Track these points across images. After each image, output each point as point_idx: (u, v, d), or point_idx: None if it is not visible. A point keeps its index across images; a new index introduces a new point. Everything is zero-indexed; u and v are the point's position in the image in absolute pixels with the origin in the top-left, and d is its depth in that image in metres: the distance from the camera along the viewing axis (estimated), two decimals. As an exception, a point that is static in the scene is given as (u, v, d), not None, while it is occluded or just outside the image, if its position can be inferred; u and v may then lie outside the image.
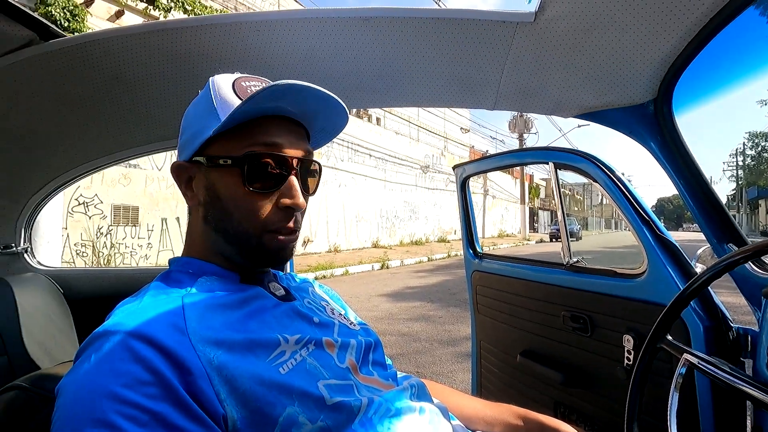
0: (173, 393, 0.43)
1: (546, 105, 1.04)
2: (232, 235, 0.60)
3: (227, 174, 0.59)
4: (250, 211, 0.59)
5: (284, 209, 0.60)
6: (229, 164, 0.58)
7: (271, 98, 0.56)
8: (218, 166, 0.59)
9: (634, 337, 1.17)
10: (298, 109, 0.61)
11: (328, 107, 0.62)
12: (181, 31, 0.89)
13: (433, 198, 19.72)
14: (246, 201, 0.59)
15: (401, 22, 0.85)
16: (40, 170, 1.31)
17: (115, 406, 0.40)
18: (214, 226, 0.61)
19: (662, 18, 0.71)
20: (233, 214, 0.59)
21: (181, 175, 0.64)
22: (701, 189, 0.93)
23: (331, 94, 0.59)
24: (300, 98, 0.59)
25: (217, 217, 0.60)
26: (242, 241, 0.60)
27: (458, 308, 5.42)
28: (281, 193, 0.60)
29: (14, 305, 1.13)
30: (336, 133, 0.71)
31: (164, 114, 1.13)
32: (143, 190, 8.41)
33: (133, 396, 0.41)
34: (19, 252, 1.42)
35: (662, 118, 0.90)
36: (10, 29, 0.86)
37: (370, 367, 0.68)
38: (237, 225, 0.59)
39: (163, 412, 0.42)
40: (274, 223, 0.60)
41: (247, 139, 0.58)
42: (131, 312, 0.50)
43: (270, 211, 0.59)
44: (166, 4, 7.64)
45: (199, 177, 0.62)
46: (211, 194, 0.61)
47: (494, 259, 1.87)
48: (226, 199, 0.59)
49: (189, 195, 0.64)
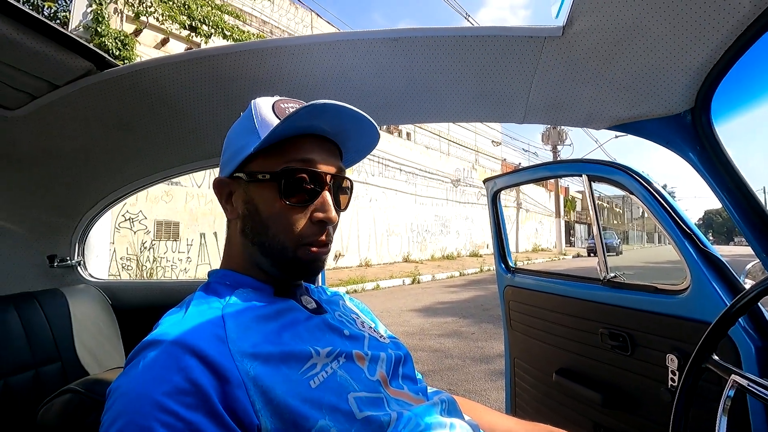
0: (209, 404, 0.46)
1: (577, 117, 1.03)
2: (267, 247, 0.63)
3: (265, 188, 0.62)
4: (285, 225, 0.62)
5: (317, 223, 0.62)
6: (268, 179, 0.61)
7: (308, 117, 0.59)
8: (257, 181, 0.62)
9: (679, 357, 1.11)
10: (332, 128, 0.64)
11: (360, 127, 0.65)
12: (222, 58, 0.95)
13: (465, 212, 19.50)
14: (282, 214, 0.62)
15: (428, 42, 0.87)
16: (93, 188, 1.41)
17: (154, 412, 0.43)
18: (251, 238, 0.64)
19: (696, 27, 0.70)
20: (270, 227, 0.62)
21: (222, 190, 0.67)
22: (747, 201, 0.88)
23: (364, 114, 0.62)
24: (335, 117, 0.62)
25: (255, 230, 0.63)
26: (277, 253, 0.62)
27: (491, 324, 5.29)
28: (315, 208, 0.62)
29: (68, 314, 1.21)
30: (367, 152, 0.73)
31: (206, 134, 1.20)
32: (184, 207, 8.79)
33: (172, 404, 0.44)
34: (73, 265, 1.53)
35: (701, 128, 0.87)
36: (71, 61, 0.94)
37: (400, 381, 0.68)
38: (273, 237, 0.62)
39: (197, 422, 0.44)
40: (308, 236, 0.62)
41: (285, 155, 0.62)
42: (176, 322, 0.53)
43: (304, 224, 0.62)
44: (207, 30, 8.11)
45: (239, 192, 0.65)
46: (249, 208, 0.64)
47: (527, 273, 1.83)
48: (263, 212, 0.62)
49: (228, 209, 0.67)
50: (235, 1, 9.50)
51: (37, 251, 1.45)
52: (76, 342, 1.19)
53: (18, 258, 1.41)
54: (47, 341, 1.13)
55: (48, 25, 0.83)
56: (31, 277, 1.43)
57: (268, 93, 0.70)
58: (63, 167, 1.28)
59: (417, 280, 10.42)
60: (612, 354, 1.34)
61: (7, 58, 0.88)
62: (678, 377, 1.11)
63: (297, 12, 11.67)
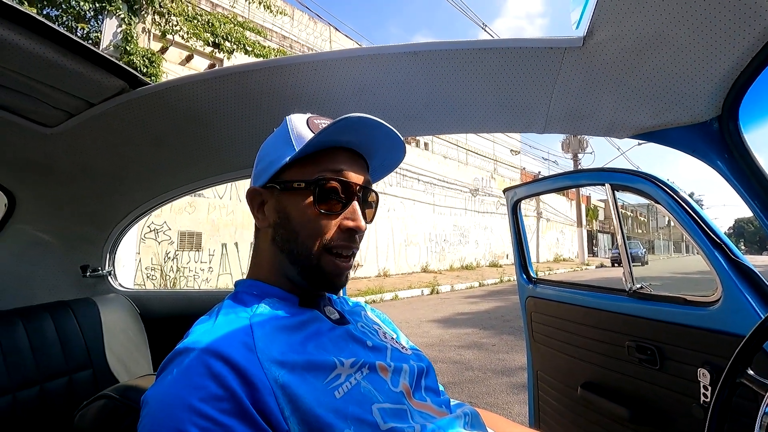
0: (243, 408, 0.47)
1: (598, 127, 1.02)
2: (296, 254, 0.64)
3: (299, 196, 0.64)
4: (315, 230, 0.64)
5: (346, 231, 0.64)
6: (302, 187, 0.64)
7: (341, 130, 0.62)
8: (291, 190, 0.65)
9: (711, 372, 1.07)
10: (362, 141, 0.67)
11: (389, 141, 0.68)
12: (248, 74, 0.98)
13: (484, 221, 19.30)
14: (313, 221, 0.64)
15: (449, 55, 0.89)
16: (124, 201, 1.47)
17: (192, 417, 0.45)
18: (281, 246, 0.66)
19: (722, 34, 0.69)
20: (300, 234, 0.64)
21: (255, 199, 0.69)
22: (780, 209, 0.85)
23: (393, 129, 0.65)
24: (366, 131, 0.64)
25: (285, 237, 0.65)
26: (304, 260, 0.64)
27: (512, 336, 5.19)
28: (345, 216, 0.65)
29: (100, 323, 1.25)
30: (392, 168, 0.75)
31: (233, 147, 1.24)
32: (206, 218, 8.98)
33: (208, 409, 0.46)
34: (104, 275, 1.59)
35: (729, 136, 0.85)
36: (106, 80, 0.99)
37: (423, 393, 0.68)
38: (301, 244, 0.64)
39: (233, 426, 0.46)
40: (336, 242, 0.64)
41: (318, 165, 0.64)
42: (207, 330, 0.55)
43: (333, 232, 0.64)
44: (230, 46, 8.36)
45: (271, 201, 0.68)
46: (281, 216, 0.66)
47: (549, 284, 1.80)
48: (295, 219, 0.65)
49: (260, 217, 0.69)
50: (257, 18, 9.78)
51: (70, 261, 1.51)
52: (107, 350, 1.23)
53: (53, 268, 1.48)
54: (80, 349, 1.17)
55: (85, 47, 0.88)
56: (64, 286, 1.49)
57: (293, 107, 0.72)
58: (97, 181, 1.33)
59: (436, 291, 10.33)
60: (640, 368, 1.30)
61: (48, 79, 0.93)
62: (711, 393, 1.07)
63: (316, 26, 11.92)
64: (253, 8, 9.65)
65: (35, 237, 1.43)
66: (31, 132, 1.10)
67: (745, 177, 0.86)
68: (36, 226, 1.42)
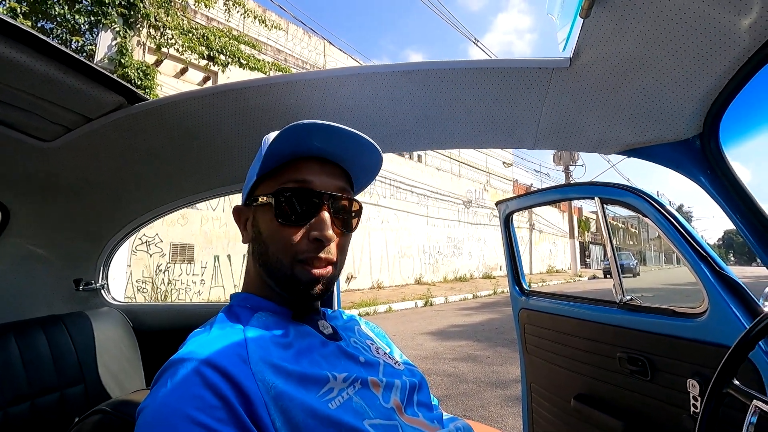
0: (238, 418, 0.48)
1: (586, 143, 1.05)
2: (269, 267, 0.65)
3: (265, 210, 0.66)
4: (281, 242, 0.64)
5: (314, 241, 0.64)
6: (266, 201, 0.65)
7: (296, 137, 0.62)
8: (260, 205, 0.67)
9: (700, 383, 1.09)
10: (331, 148, 0.67)
11: (358, 145, 0.67)
12: (243, 92, 1.00)
13: (477, 233, 19.38)
14: (279, 233, 0.64)
15: (441, 74, 0.91)
16: (119, 215, 1.47)
17: (189, 426, 0.45)
18: (258, 260, 0.68)
19: (700, 57, 0.72)
20: (269, 246, 0.65)
21: (240, 217, 0.72)
22: (761, 224, 0.88)
23: (355, 131, 0.65)
24: (327, 137, 0.64)
25: (260, 251, 0.67)
26: (277, 272, 0.65)
27: (506, 348, 5.18)
28: (311, 226, 0.64)
29: (92, 337, 1.25)
30: (375, 171, 0.75)
31: (228, 163, 1.25)
32: (199, 230, 8.93)
33: (205, 418, 0.46)
34: (97, 288, 1.58)
35: (710, 152, 0.88)
36: (104, 95, 1.00)
37: (415, 408, 0.68)
38: (272, 256, 0.65)
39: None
40: (303, 252, 0.63)
41: (282, 177, 0.66)
42: (202, 342, 0.55)
43: (300, 242, 0.64)
44: (225, 60, 8.42)
45: (250, 218, 0.70)
46: (255, 231, 0.68)
47: (542, 296, 1.81)
48: (264, 233, 0.66)
49: (244, 234, 0.72)
50: (251, 32, 9.88)
51: (63, 275, 1.50)
52: (99, 364, 1.22)
53: (46, 281, 1.47)
54: (72, 364, 1.16)
55: (83, 63, 0.90)
56: (57, 300, 1.48)
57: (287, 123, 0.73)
58: (92, 195, 1.34)
59: (430, 303, 10.30)
60: (631, 379, 1.31)
61: (46, 94, 0.94)
62: (700, 403, 1.08)
63: (310, 40, 12.07)
64: (248, 22, 9.76)
65: (29, 251, 1.42)
66: (28, 146, 1.11)
67: (726, 192, 0.89)
68: (29, 239, 1.41)
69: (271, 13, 10.53)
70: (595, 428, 1.45)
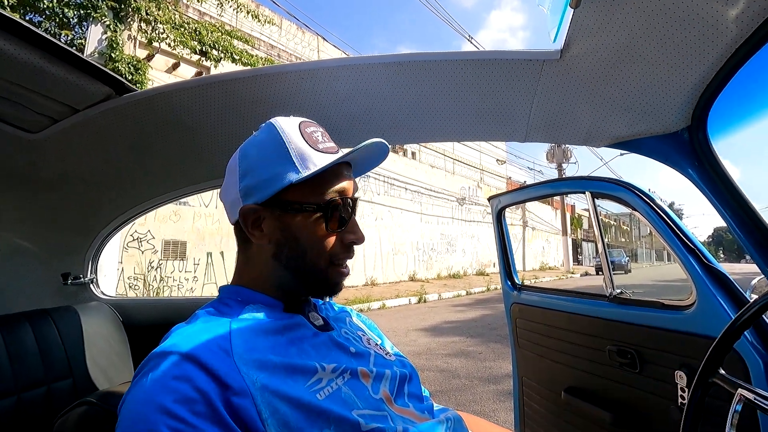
0: (216, 412, 0.48)
1: (577, 136, 1.06)
2: (303, 271, 0.66)
3: (308, 217, 0.65)
4: (323, 249, 0.66)
5: (348, 245, 0.68)
6: (313, 209, 0.64)
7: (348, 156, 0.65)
8: (299, 211, 0.64)
9: (688, 374, 1.10)
10: (359, 159, 0.71)
11: (380, 155, 0.72)
12: (234, 82, 0.99)
13: (471, 230, 19.44)
14: (323, 240, 0.65)
15: (433, 65, 0.91)
16: (108, 208, 1.45)
17: (166, 419, 0.45)
18: (285, 263, 0.66)
19: (688, 49, 0.73)
20: (308, 252, 0.65)
21: (249, 216, 0.65)
22: (748, 216, 0.89)
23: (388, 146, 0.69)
24: (366, 153, 0.68)
25: (291, 256, 0.65)
26: (311, 276, 0.66)
27: (499, 344, 5.22)
28: (347, 231, 0.68)
29: (81, 331, 1.23)
30: (371, 168, 0.78)
31: (218, 155, 1.24)
32: (191, 226, 8.86)
33: (182, 412, 0.46)
34: (86, 282, 1.56)
35: (698, 145, 0.89)
36: (92, 86, 0.99)
37: (405, 399, 0.68)
38: (310, 262, 0.65)
39: (204, 429, 0.46)
40: (339, 256, 0.67)
41: (325, 186, 0.66)
42: (183, 335, 0.55)
43: (337, 247, 0.67)
44: (217, 55, 8.34)
45: (271, 219, 0.65)
46: (287, 235, 0.65)
47: (533, 291, 1.83)
48: (303, 239, 0.65)
49: (257, 234, 0.66)
50: (244, 27, 9.80)
51: (51, 269, 1.48)
52: (88, 359, 1.21)
53: (33, 276, 1.45)
54: (60, 358, 1.15)
55: (70, 53, 0.88)
56: (45, 294, 1.46)
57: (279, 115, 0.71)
58: (79, 187, 1.32)
59: (423, 299, 10.33)
60: (621, 371, 1.32)
61: (32, 84, 0.93)
62: (688, 394, 1.09)
63: (304, 36, 11.99)
64: (241, 17, 9.67)
65: (15, 244, 1.40)
66: (13, 137, 1.09)
67: (714, 185, 0.90)
68: (16, 233, 1.39)
69: (264, 9, 10.44)
70: (584, 420, 1.46)
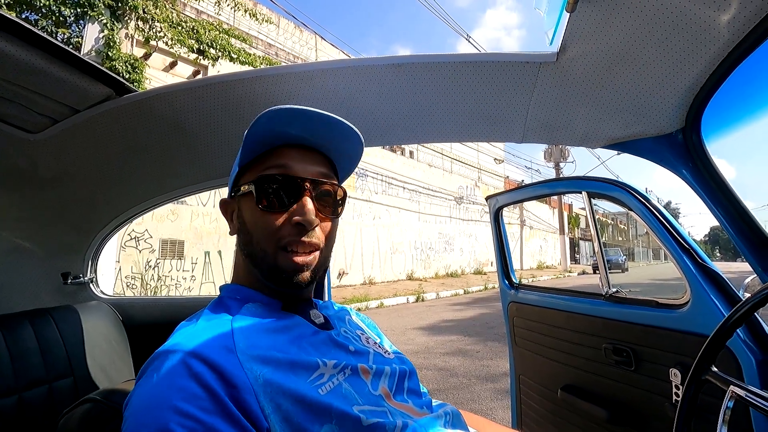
0: (224, 407, 0.48)
1: (573, 137, 1.07)
2: (254, 256, 0.65)
3: (249, 199, 0.66)
4: (264, 230, 0.64)
5: (296, 225, 0.64)
6: (249, 189, 0.65)
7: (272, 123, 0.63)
8: (242, 194, 0.67)
9: (682, 372, 1.12)
10: (310, 134, 0.67)
11: (337, 131, 0.67)
12: (234, 84, 1.00)
13: (468, 229, 19.47)
14: (261, 221, 0.64)
15: (431, 67, 0.92)
16: (108, 208, 1.45)
17: (175, 417, 0.46)
18: (243, 250, 0.68)
19: (682, 52, 0.74)
20: (253, 235, 0.65)
21: (227, 209, 0.72)
22: (741, 216, 0.91)
23: (334, 116, 0.65)
24: (305, 122, 0.64)
25: (244, 241, 0.67)
26: (262, 261, 0.65)
27: (497, 342, 5.24)
28: (293, 212, 0.64)
29: (81, 330, 1.24)
30: (357, 157, 0.75)
31: (217, 155, 1.24)
32: (189, 225, 8.85)
33: (191, 408, 0.47)
34: (85, 282, 1.56)
35: (692, 146, 0.91)
36: (92, 87, 0.99)
37: (404, 395, 0.69)
38: (256, 244, 0.65)
39: (215, 424, 0.47)
40: (286, 237, 0.63)
41: (263, 165, 0.66)
42: (188, 334, 0.56)
43: (282, 228, 0.64)
44: (215, 54, 8.33)
45: (235, 209, 0.70)
46: (240, 221, 0.68)
47: (530, 289, 1.84)
48: (248, 221, 0.66)
49: (231, 227, 0.72)
50: (242, 26, 9.77)
51: (51, 268, 1.48)
52: (88, 358, 1.21)
53: (33, 275, 1.45)
54: (61, 357, 1.15)
55: (71, 53, 0.89)
56: (45, 293, 1.46)
57: None
58: (80, 188, 1.32)
59: (421, 298, 10.35)
60: (616, 369, 1.34)
61: (33, 85, 0.93)
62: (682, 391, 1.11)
63: (302, 35, 11.97)
64: (239, 16, 9.64)
65: (16, 244, 1.41)
66: (13, 138, 1.09)
67: (708, 185, 0.91)
68: (16, 232, 1.40)
69: (261, 7, 10.41)
70: (581, 418, 1.48)
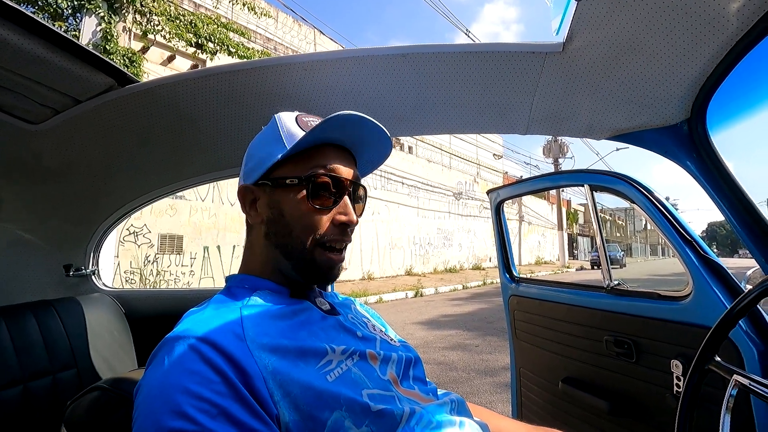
0: (237, 391, 0.49)
1: (578, 128, 1.07)
2: (290, 249, 0.66)
3: (292, 192, 0.66)
4: (308, 225, 0.65)
5: (339, 225, 0.67)
6: (295, 183, 0.66)
7: (332, 128, 0.64)
8: (284, 186, 0.66)
9: (684, 363, 1.13)
10: (351, 138, 0.69)
11: (375, 137, 0.70)
12: (237, 74, 1.00)
13: (467, 225, 19.49)
14: (307, 216, 0.65)
15: (436, 57, 0.92)
16: (110, 199, 1.45)
17: (190, 400, 0.46)
18: (274, 241, 0.68)
19: (689, 42, 0.74)
20: (294, 229, 0.66)
21: (246, 196, 0.71)
22: (745, 208, 0.91)
23: (379, 125, 0.67)
24: (354, 128, 0.67)
25: (279, 233, 0.67)
26: (298, 255, 0.66)
27: (495, 337, 5.26)
28: (337, 211, 0.67)
29: (84, 322, 1.24)
30: (378, 163, 0.78)
31: (220, 147, 1.24)
32: (188, 220, 8.83)
33: (205, 392, 0.47)
34: (87, 274, 1.56)
35: (698, 137, 0.90)
36: (94, 77, 0.99)
37: (411, 382, 0.70)
38: (296, 239, 0.66)
39: (229, 407, 0.47)
40: (329, 236, 0.66)
41: (310, 162, 0.66)
42: (197, 320, 0.56)
43: (326, 226, 0.66)
44: (213, 47, 8.27)
45: (263, 198, 0.69)
46: (275, 212, 0.67)
47: (531, 283, 1.85)
48: (289, 214, 0.66)
49: (252, 215, 0.70)
50: (240, 19, 9.70)
51: (53, 260, 1.48)
52: (91, 349, 1.21)
53: (36, 267, 1.45)
54: (64, 348, 1.15)
55: (73, 43, 0.88)
56: (47, 285, 1.46)
57: (281, 107, 0.74)
58: (82, 179, 1.32)
59: (420, 294, 10.38)
60: (617, 361, 1.35)
61: (35, 75, 0.92)
62: (683, 383, 1.12)
63: (300, 29, 11.90)
64: (237, 10, 9.58)
65: (18, 236, 1.40)
66: (16, 129, 1.09)
67: (712, 177, 0.91)
68: (18, 224, 1.39)
69: (260, 0, 10.34)
70: (581, 410, 1.49)
